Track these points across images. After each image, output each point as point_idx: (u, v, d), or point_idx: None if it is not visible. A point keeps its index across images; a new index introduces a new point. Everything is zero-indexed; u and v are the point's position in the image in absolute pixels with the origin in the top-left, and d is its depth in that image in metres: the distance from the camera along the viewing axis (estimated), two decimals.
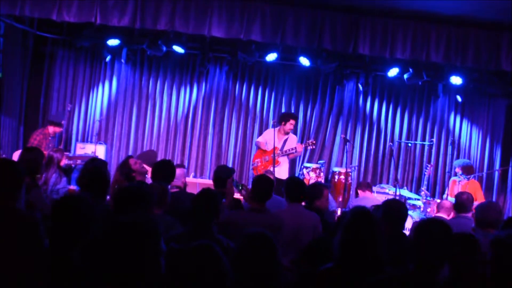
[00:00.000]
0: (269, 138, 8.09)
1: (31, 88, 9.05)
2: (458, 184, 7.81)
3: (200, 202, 3.58)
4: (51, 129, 7.94)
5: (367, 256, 2.56)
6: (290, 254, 4.03)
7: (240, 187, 5.31)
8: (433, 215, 5.82)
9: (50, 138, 7.99)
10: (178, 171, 5.35)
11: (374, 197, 7.25)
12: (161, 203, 3.97)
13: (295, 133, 9.47)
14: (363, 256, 2.56)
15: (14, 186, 2.94)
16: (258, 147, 8.33)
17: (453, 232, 3.89)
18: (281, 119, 8.29)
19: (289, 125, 8.12)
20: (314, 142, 8.31)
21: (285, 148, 7.95)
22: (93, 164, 3.96)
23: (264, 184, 4.37)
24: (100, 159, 5.26)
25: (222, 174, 5.17)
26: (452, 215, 5.65)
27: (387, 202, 4.11)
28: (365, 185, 7.61)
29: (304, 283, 2.75)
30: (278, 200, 5.11)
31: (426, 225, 2.63)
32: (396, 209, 3.99)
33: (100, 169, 3.98)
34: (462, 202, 5.26)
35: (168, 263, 2.24)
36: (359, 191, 6.87)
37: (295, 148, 7.95)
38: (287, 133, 8.13)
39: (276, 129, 8.14)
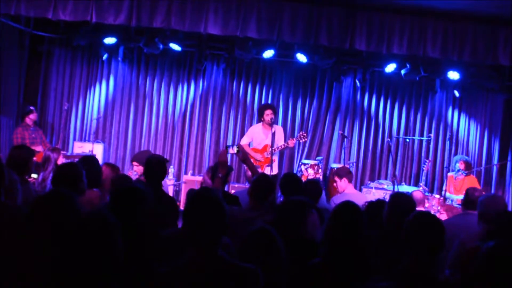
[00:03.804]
0: (256, 135, 7.81)
1: (28, 87, 9.05)
2: (455, 179, 7.81)
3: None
4: (27, 120, 8.13)
5: (353, 251, 2.56)
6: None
7: (237, 150, 5.19)
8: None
9: (31, 129, 8.15)
10: None
11: (355, 192, 6.64)
12: None
13: (292, 129, 9.48)
14: (349, 251, 2.56)
15: None
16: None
17: (462, 228, 3.86)
18: (259, 113, 7.88)
19: (267, 116, 7.56)
20: (305, 134, 7.92)
21: (275, 142, 7.48)
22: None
23: (263, 184, 4.36)
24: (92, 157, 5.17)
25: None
26: (422, 207, 5.53)
27: (394, 196, 3.97)
28: (345, 172, 6.18)
29: (294, 278, 2.74)
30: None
31: (417, 219, 2.62)
32: (403, 202, 3.90)
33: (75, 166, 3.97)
34: (473, 200, 4.88)
35: None
36: (336, 178, 6.29)
37: (287, 144, 7.57)
38: (271, 126, 7.50)
39: (260, 124, 7.83)
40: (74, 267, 2.15)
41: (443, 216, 6.17)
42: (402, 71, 8.55)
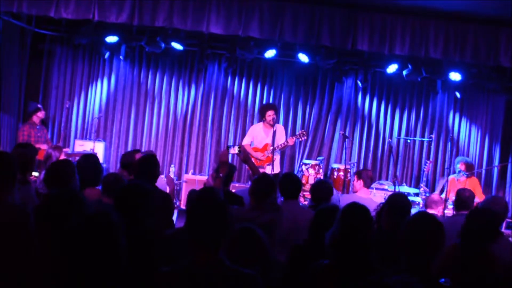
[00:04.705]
0: (257, 134, 7.86)
1: (29, 85, 9.05)
2: (456, 181, 7.80)
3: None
4: (35, 118, 8.15)
5: (360, 252, 2.56)
6: (286, 251, 4.03)
7: (238, 150, 5.19)
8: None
9: (38, 127, 8.17)
10: None
11: (366, 197, 6.55)
12: None
13: (294, 129, 9.48)
14: (356, 253, 2.55)
15: (7, 178, 2.92)
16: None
17: (454, 229, 3.89)
18: (260, 113, 7.92)
19: (268, 117, 7.61)
20: (305, 132, 7.91)
21: (276, 142, 7.52)
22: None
23: (263, 184, 4.36)
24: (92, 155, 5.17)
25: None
26: (441, 208, 5.55)
27: (392, 196, 4.04)
28: (365, 176, 6.11)
29: (297, 279, 2.74)
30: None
31: (417, 220, 2.62)
32: (400, 203, 3.94)
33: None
34: (464, 200, 5.01)
35: None
36: (355, 177, 6.31)
37: (287, 142, 7.61)
38: (272, 126, 7.55)
39: (261, 124, 7.89)
40: (76, 266, 2.15)
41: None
42: (404, 72, 8.55)
